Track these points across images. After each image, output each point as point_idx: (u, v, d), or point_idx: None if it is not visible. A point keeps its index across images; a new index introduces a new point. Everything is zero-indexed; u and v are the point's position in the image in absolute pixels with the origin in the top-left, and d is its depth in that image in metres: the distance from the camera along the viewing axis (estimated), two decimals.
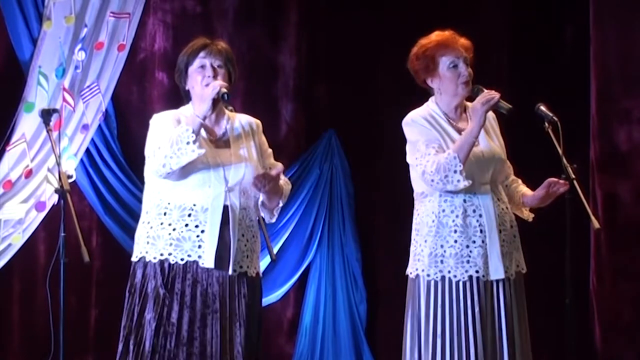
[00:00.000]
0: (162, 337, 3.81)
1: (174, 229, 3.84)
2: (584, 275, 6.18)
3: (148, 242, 3.88)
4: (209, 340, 3.82)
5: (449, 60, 4.18)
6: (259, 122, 4.14)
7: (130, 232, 5.92)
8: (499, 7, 6.75)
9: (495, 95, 4.06)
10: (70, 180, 5.47)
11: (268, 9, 6.72)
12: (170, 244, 3.84)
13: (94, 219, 6.11)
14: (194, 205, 3.84)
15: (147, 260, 3.86)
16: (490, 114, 4.24)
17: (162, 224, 3.86)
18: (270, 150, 4.15)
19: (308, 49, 6.83)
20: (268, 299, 6.52)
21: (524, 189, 4.32)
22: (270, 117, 6.59)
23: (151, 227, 3.88)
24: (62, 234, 4.38)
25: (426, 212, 4.19)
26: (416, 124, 4.18)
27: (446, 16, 6.70)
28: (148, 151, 3.86)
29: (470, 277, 4.08)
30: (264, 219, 4.11)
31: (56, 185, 5.43)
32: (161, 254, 3.85)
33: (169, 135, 3.76)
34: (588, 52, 6.28)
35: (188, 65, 3.95)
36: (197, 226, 3.84)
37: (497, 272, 4.09)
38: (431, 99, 4.28)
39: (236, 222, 3.87)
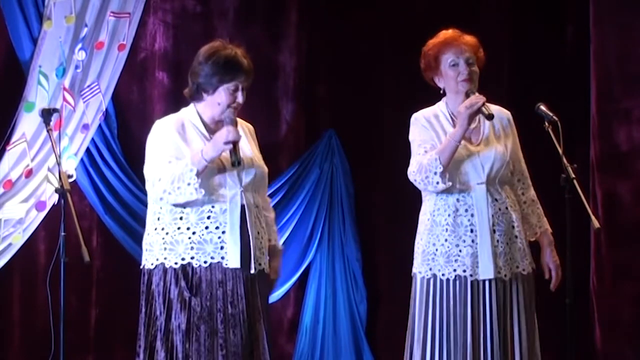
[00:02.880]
0: (195, 342, 3.81)
1: (193, 233, 3.84)
2: (584, 275, 6.18)
3: (166, 248, 3.86)
4: (240, 340, 3.83)
5: (450, 58, 4.20)
6: (251, 126, 4.17)
7: (131, 231, 5.95)
8: (499, 7, 6.75)
9: (479, 100, 4.08)
10: (70, 180, 5.46)
11: (268, 9, 6.72)
12: (192, 248, 3.83)
13: (94, 219, 6.11)
14: (213, 207, 3.84)
15: (167, 266, 3.85)
16: (506, 115, 4.28)
17: (179, 228, 3.85)
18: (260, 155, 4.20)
19: (308, 49, 6.83)
20: None
21: (540, 224, 4.26)
22: (270, 117, 6.59)
23: (167, 233, 3.86)
24: (63, 234, 4.38)
25: (424, 211, 4.25)
26: (417, 124, 4.24)
27: (446, 16, 6.69)
28: (149, 174, 3.84)
29: (458, 276, 4.10)
30: None
31: (56, 184, 5.42)
32: (182, 259, 3.84)
33: (172, 169, 3.76)
34: (588, 52, 6.28)
35: (222, 82, 3.89)
36: (217, 227, 3.84)
37: (486, 272, 4.09)
38: (444, 98, 4.30)
39: (252, 220, 3.89)
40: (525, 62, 6.60)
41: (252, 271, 3.89)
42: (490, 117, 4.10)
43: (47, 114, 4.72)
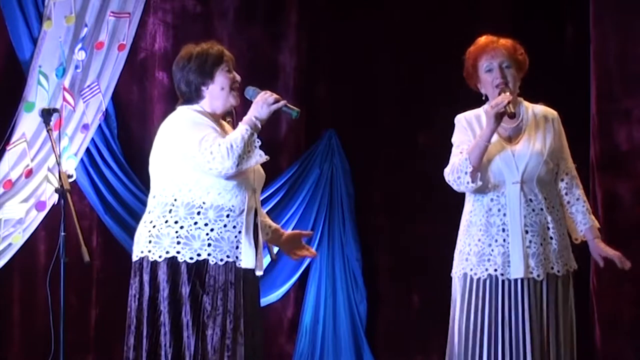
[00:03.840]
0: (203, 341, 3.78)
1: (211, 229, 3.81)
2: (584, 275, 6.18)
3: (179, 242, 3.80)
4: (247, 342, 3.82)
5: (484, 64, 4.21)
6: None
7: (131, 231, 5.94)
8: (499, 7, 6.75)
9: (505, 99, 4.07)
10: (70, 180, 5.47)
11: (268, 9, 6.73)
12: (209, 244, 3.80)
13: (94, 219, 6.11)
14: (233, 206, 3.83)
15: (181, 260, 3.80)
16: (551, 115, 4.27)
17: (196, 223, 3.81)
18: None
19: (308, 49, 6.83)
20: (268, 299, 6.52)
21: (585, 221, 4.22)
22: (271, 117, 6.57)
23: (181, 227, 3.81)
24: (63, 234, 4.39)
25: (464, 212, 4.26)
26: (458, 125, 4.26)
27: (446, 16, 6.70)
28: (209, 147, 3.75)
29: (490, 275, 4.11)
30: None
31: (56, 184, 5.44)
32: (198, 254, 3.80)
33: (238, 135, 3.77)
34: (588, 52, 6.28)
35: (215, 67, 3.93)
36: (234, 227, 3.82)
37: (517, 271, 4.09)
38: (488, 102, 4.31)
39: (260, 223, 3.92)
40: None
41: (259, 273, 3.89)
42: (512, 115, 4.09)
43: (47, 114, 4.73)
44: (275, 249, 6.30)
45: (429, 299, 6.67)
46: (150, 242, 3.85)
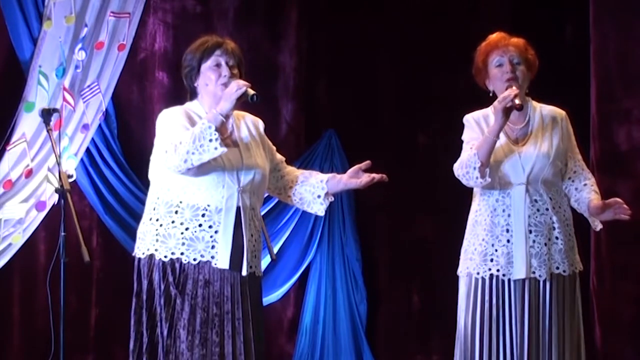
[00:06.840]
0: (176, 338, 3.80)
1: (186, 229, 3.82)
2: (584, 275, 6.17)
3: (157, 240, 3.85)
4: (224, 342, 3.80)
5: (495, 59, 4.21)
6: (260, 120, 4.15)
7: (131, 231, 5.94)
8: (499, 7, 6.75)
9: (510, 93, 4.06)
10: (70, 180, 5.47)
11: (268, 9, 6.73)
12: (183, 244, 3.82)
13: (94, 219, 6.11)
14: (208, 205, 3.82)
15: (157, 258, 3.84)
16: (559, 115, 4.26)
17: (173, 222, 3.84)
18: (274, 147, 4.19)
19: (308, 49, 6.83)
20: (268, 299, 6.52)
21: (589, 196, 4.20)
22: (271, 117, 6.58)
23: (161, 225, 3.85)
24: (63, 234, 4.39)
25: (471, 211, 4.27)
26: (467, 123, 4.26)
27: (447, 16, 6.71)
28: (166, 145, 3.78)
29: (492, 275, 4.12)
30: (263, 218, 4.11)
31: (56, 184, 5.43)
32: (172, 253, 3.83)
33: (190, 131, 3.73)
34: (588, 52, 6.28)
35: (201, 62, 3.92)
36: (210, 227, 3.83)
37: (519, 272, 4.10)
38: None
39: (247, 223, 3.87)
40: None
41: (244, 273, 3.86)
42: (520, 107, 4.05)
43: (47, 114, 4.73)
44: (276, 249, 6.33)
45: (429, 299, 6.68)
46: (139, 238, 3.93)
